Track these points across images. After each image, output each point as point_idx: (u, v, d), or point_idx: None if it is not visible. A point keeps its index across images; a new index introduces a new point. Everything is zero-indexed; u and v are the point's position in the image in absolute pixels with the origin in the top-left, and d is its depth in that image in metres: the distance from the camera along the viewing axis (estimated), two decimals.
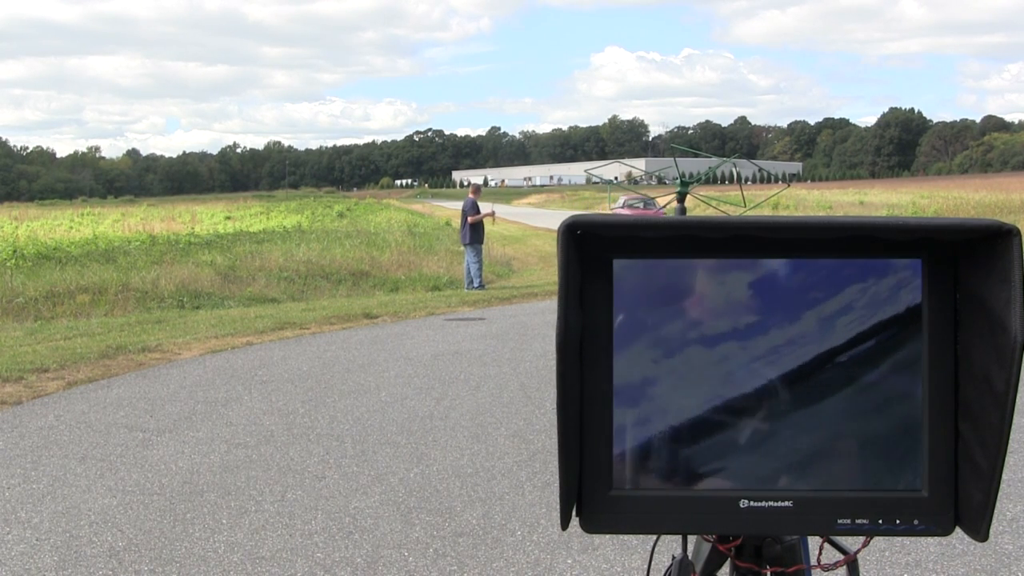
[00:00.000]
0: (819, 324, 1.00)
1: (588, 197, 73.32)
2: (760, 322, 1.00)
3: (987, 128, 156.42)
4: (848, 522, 1.01)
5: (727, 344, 1.00)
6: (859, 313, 1.00)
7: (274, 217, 47.81)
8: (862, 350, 1.00)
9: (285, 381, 8.35)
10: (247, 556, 4.33)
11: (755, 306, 1.00)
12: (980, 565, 4.04)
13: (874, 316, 1.00)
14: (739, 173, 4.44)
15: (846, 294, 1.00)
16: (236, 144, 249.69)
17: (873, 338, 1.00)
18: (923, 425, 1.00)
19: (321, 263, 20.92)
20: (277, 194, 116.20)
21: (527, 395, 7.54)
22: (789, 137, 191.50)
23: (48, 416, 7.17)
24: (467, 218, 16.21)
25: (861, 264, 1.00)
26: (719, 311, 1.00)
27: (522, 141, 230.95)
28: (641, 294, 1.01)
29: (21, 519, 4.89)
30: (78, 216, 52.70)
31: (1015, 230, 0.91)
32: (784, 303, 1.00)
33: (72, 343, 10.56)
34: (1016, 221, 1.44)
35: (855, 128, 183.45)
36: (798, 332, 1.00)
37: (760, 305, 1.00)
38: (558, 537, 4.42)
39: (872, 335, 1.00)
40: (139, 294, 16.53)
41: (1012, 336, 0.90)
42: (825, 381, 1.00)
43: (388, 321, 12.46)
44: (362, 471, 5.61)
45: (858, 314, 1.00)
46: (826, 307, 1.00)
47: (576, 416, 1.00)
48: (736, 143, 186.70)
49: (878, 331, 1.00)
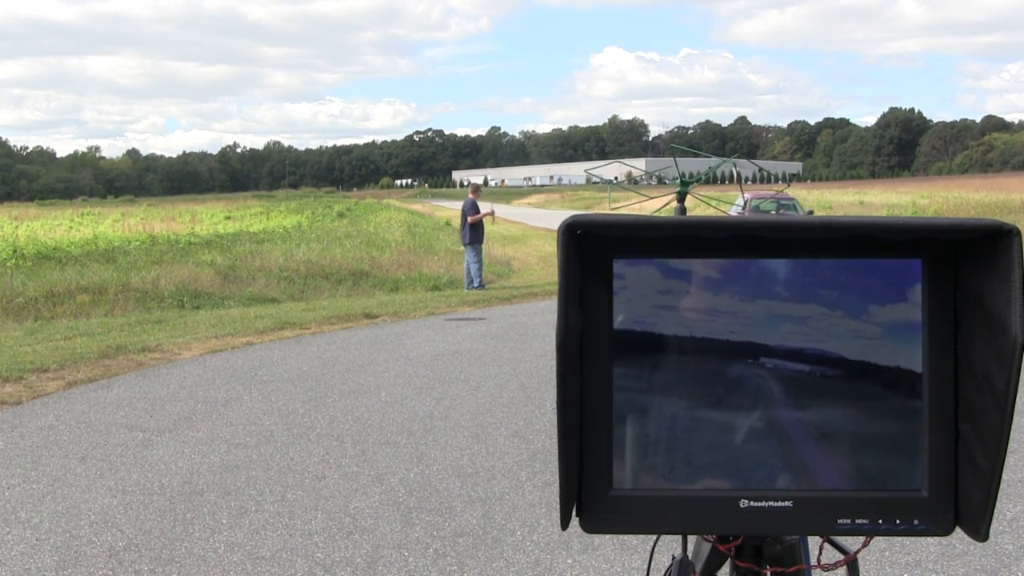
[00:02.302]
0: (819, 324, 1.00)
1: (588, 197, 73.27)
2: (760, 322, 1.00)
3: (987, 128, 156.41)
4: (848, 522, 1.01)
5: (727, 344, 1.00)
6: (859, 313, 1.00)
7: (274, 217, 47.79)
8: (862, 350, 1.00)
9: (285, 381, 8.35)
10: (247, 556, 4.33)
11: (755, 306, 1.00)
12: (980, 565, 4.04)
13: (874, 316, 1.00)
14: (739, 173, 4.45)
15: (846, 294, 1.00)
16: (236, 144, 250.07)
17: (873, 338, 1.00)
18: (923, 425, 1.00)
19: (321, 263, 20.92)
20: (277, 194, 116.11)
21: (527, 395, 7.54)
22: (789, 137, 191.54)
23: (48, 416, 7.17)
24: (467, 218, 16.21)
25: (861, 264, 1.00)
26: (719, 311, 1.01)
27: (522, 141, 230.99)
28: (641, 294, 1.01)
29: (21, 519, 4.89)
30: (78, 216, 52.67)
31: (1015, 230, 0.91)
32: (784, 303, 1.00)
33: (72, 343, 10.57)
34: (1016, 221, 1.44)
35: (855, 128, 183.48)
36: (798, 332, 1.00)
37: (760, 305, 1.00)
38: (558, 537, 4.42)
39: (872, 335, 1.00)
40: (139, 294, 16.52)
41: (1012, 336, 0.90)
42: (825, 381, 1.00)
43: (388, 321, 12.46)
44: (362, 471, 5.61)
45: (858, 314, 1.00)
46: (826, 307, 1.00)
47: (576, 416, 1.00)
48: (736, 143, 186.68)
49: (878, 331, 1.00)
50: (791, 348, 1.00)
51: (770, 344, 1.00)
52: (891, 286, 1.00)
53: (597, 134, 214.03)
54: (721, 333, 1.01)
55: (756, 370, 1.00)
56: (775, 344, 1.00)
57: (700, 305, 1.01)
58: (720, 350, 1.01)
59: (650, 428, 1.01)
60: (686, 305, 1.01)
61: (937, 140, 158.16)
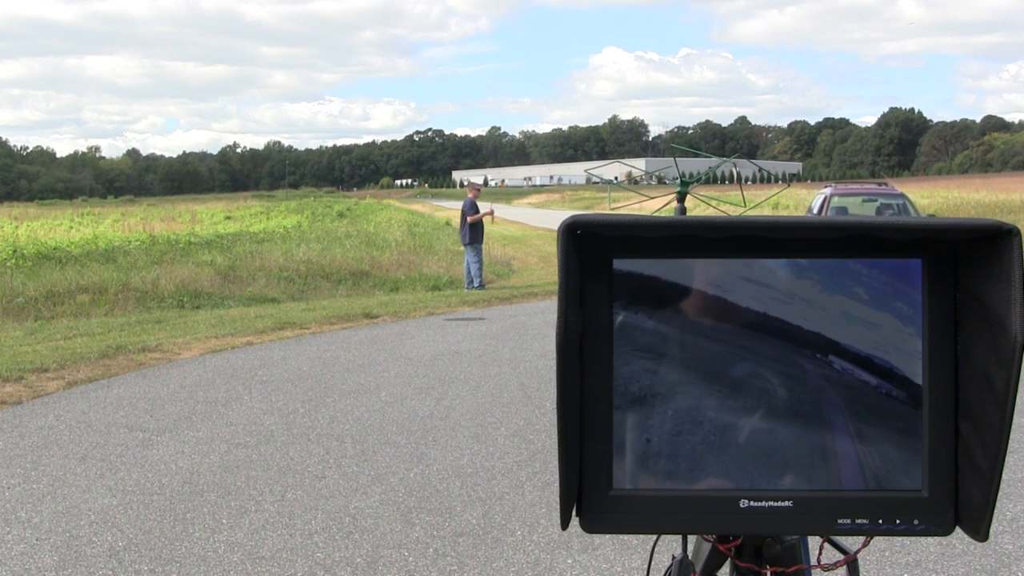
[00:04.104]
0: (819, 324, 1.00)
1: (588, 197, 73.28)
2: (760, 322, 1.00)
3: (987, 128, 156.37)
4: (848, 522, 1.01)
5: (727, 344, 1.00)
6: (859, 313, 1.00)
7: (274, 217, 47.81)
8: (862, 350, 1.00)
9: (285, 381, 8.35)
10: (247, 556, 4.33)
11: (755, 306, 1.00)
12: (980, 565, 4.04)
13: (874, 316, 1.00)
14: (739, 173, 4.45)
15: (846, 294, 1.00)
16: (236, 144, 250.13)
17: (873, 338, 1.00)
18: (923, 425, 1.00)
19: (321, 263, 20.92)
20: (277, 194, 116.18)
21: (527, 395, 7.54)
22: (789, 137, 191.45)
23: (48, 416, 7.17)
24: (466, 218, 16.21)
25: (861, 264, 1.00)
26: (719, 311, 1.00)
27: (522, 141, 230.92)
28: (641, 294, 1.01)
29: (21, 519, 4.89)
30: (78, 216, 52.69)
31: (1015, 230, 0.91)
32: (784, 303, 1.00)
33: (72, 343, 10.57)
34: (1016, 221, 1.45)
35: (855, 128, 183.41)
36: (798, 332, 1.00)
37: (760, 305, 1.00)
38: (558, 537, 4.42)
39: (872, 335, 1.00)
40: (139, 294, 16.53)
41: (1012, 336, 0.90)
42: (825, 381, 1.00)
43: (388, 321, 12.46)
44: (362, 471, 5.61)
45: (858, 314, 1.00)
46: (826, 307, 1.00)
47: (576, 416, 1.00)
48: (736, 143, 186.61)
49: (878, 331, 1.00)
50: (791, 348, 1.00)
51: (770, 344, 1.00)
52: (891, 286, 1.00)
53: (597, 134, 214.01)
54: (720, 333, 1.01)
55: (756, 369, 1.00)
56: (775, 344, 1.00)
57: (699, 305, 1.01)
58: (719, 350, 1.01)
59: (650, 428, 1.01)
60: (685, 305, 1.01)
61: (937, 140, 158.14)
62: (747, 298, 1.00)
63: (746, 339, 1.00)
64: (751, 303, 1.00)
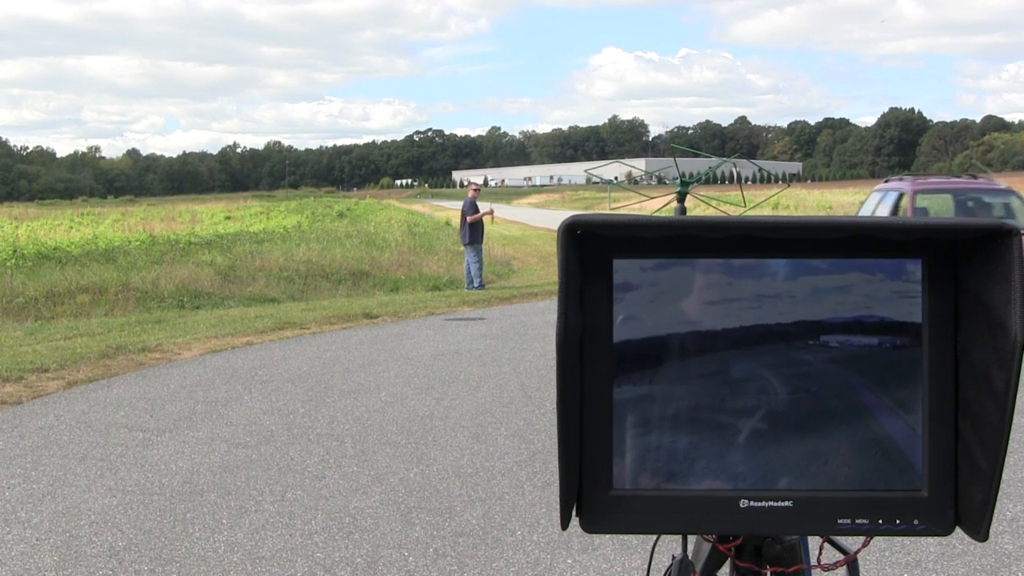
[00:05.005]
0: (819, 324, 1.00)
1: (588, 197, 73.28)
2: (760, 322, 1.00)
3: (987, 128, 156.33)
4: (848, 522, 1.01)
5: (727, 344, 1.00)
6: (859, 313, 1.00)
7: (274, 217, 47.79)
8: (862, 350, 1.00)
9: (285, 381, 8.35)
10: (247, 556, 4.33)
11: (755, 306, 1.00)
12: (980, 565, 4.04)
13: (874, 316, 1.00)
14: (739, 173, 4.44)
15: (846, 294, 1.00)
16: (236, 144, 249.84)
17: (873, 338, 1.00)
18: (923, 425, 1.00)
19: (321, 263, 20.92)
20: (277, 194, 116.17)
21: (527, 395, 7.54)
22: (789, 137, 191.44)
23: (48, 416, 7.17)
24: (466, 218, 16.21)
25: (861, 264, 1.00)
26: (719, 311, 1.00)
27: (522, 141, 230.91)
28: (641, 294, 1.01)
29: (21, 519, 4.89)
30: (78, 216, 52.68)
31: (1015, 230, 0.92)
32: (784, 303, 1.00)
33: (72, 343, 10.57)
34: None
35: (855, 128, 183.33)
36: (798, 332, 1.00)
37: (760, 305, 1.00)
38: (558, 537, 4.42)
39: (872, 335, 1.00)
40: (139, 294, 16.53)
41: (1012, 336, 0.90)
42: (825, 380, 1.00)
43: (388, 321, 12.46)
44: (362, 471, 5.61)
45: (858, 314, 1.00)
46: (826, 307, 1.00)
47: (576, 416, 1.00)
48: (736, 143, 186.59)
49: (878, 331, 1.00)
50: (791, 348, 1.00)
51: (770, 344, 1.00)
52: (891, 286, 1.00)
53: (597, 134, 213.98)
54: (721, 333, 1.00)
55: (755, 369, 1.00)
56: (775, 344, 1.00)
57: (699, 305, 1.01)
58: (719, 350, 1.01)
59: (650, 428, 1.01)
60: (686, 305, 1.01)
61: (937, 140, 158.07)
62: (747, 298, 1.00)
63: (746, 339, 1.00)
64: (751, 303, 1.00)
